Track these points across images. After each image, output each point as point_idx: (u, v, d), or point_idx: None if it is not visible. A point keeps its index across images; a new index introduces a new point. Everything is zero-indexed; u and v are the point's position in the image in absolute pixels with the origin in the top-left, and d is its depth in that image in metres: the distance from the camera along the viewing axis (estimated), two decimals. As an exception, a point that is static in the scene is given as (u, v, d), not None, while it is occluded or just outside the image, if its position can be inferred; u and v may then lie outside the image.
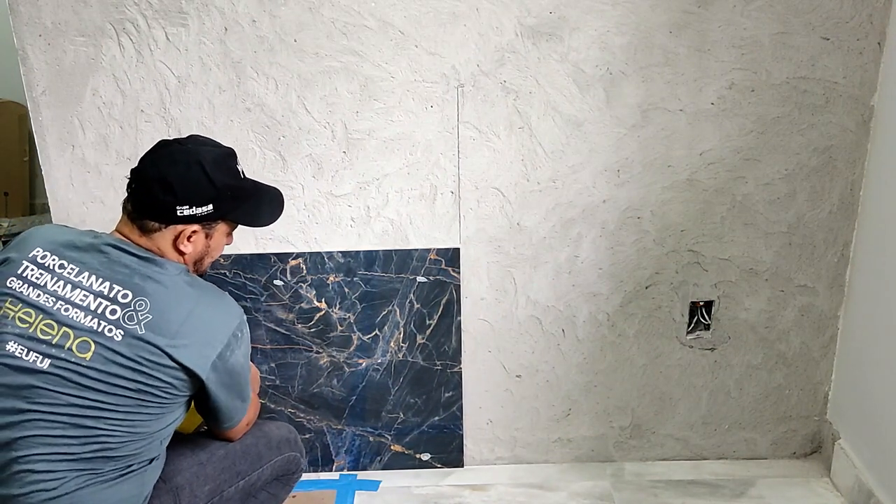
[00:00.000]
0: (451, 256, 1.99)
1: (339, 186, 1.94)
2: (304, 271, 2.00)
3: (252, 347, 1.49)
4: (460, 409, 2.12)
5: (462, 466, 2.18)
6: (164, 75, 1.85)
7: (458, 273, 2.00)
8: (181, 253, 1.41)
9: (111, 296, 1.31)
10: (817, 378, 2.10)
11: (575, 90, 1.86)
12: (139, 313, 1.31)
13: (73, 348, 1.28)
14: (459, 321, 2.04)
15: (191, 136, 1.51)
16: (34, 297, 1.30)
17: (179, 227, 1.39)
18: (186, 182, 1.37)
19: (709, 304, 2.05)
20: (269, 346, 2.05)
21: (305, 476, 2.14)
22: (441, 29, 1.82)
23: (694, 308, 2.06)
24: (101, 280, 1.32)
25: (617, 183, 1.94)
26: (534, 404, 2.13)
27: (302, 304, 2.02)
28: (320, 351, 2.07)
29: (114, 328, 1.29)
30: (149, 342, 1.30)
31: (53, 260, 1.33)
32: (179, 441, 1.52)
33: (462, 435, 2.15)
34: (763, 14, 1.80)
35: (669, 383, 2.11)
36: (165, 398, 1.34)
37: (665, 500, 2.02)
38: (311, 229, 1.97)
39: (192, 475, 1.47)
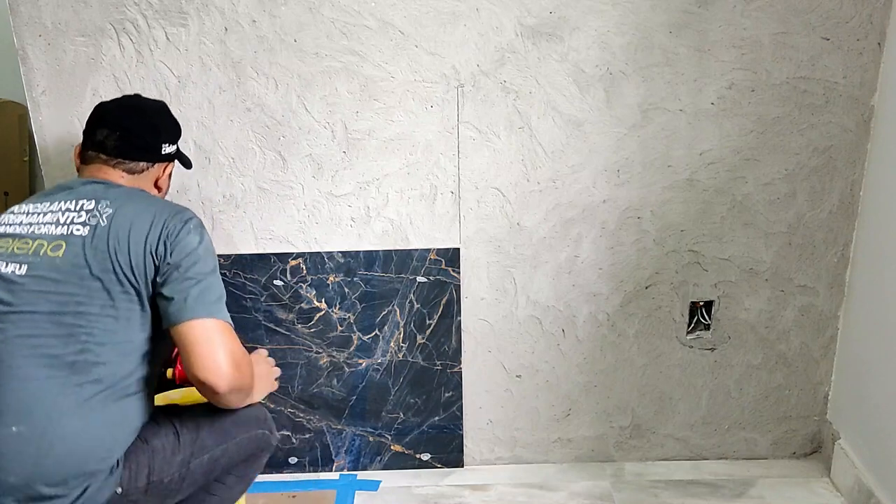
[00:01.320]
0: (451, 256, 1.99)
1: (339, 186, 1.94)
2: (304, 271, 2.00)
3: (252, 347, 1.49)
4: (460, 409, 2.12)
5: (462, 466, 2.18)
6: (164, 75, 1.85)
7: (458, 273, 2.00)
8: (160, 189, 1.62)
9: (77, 207, 1.45)
10: (817, 378, 2.10)
11: (575, 90, 1.86)
12: (102, 211, 1.44)
13: (48, 252, 1.40)
14: (459, 321, 2.04)
15: (131, 94, 1.68)
16: (9, 231, 1.44)
17: (162, 165, 1.60)
18: (165, 124, 1.62)
19: (709, 304, 2.05)
20: (269, 346, 2.05)
21: (306, 476, 2.15)
22: (441, 29, 1.82)
23: (694, 308, 2.06)
24: (67, 201, 1.46)
25: (617, 183, 1.94)
26: (534, 404, 2.13)
27: (302, 304, 2.02)
28: (320, 351, 2.07)
29: (81, 227, 1.42)
30: (112, 230, 1.41)
31: (23, 207, 1.47)
32: (163, 410, 1.57)
33: (462, 435, 2.15)
34: (763, 14, 1.80)
35: (669, 383, 2.11)
36: (134, 288, 1.40)
37: (665, 500, 2.02)
38: (311, 229, 1.97)
39: (167, 441, 1.49)
